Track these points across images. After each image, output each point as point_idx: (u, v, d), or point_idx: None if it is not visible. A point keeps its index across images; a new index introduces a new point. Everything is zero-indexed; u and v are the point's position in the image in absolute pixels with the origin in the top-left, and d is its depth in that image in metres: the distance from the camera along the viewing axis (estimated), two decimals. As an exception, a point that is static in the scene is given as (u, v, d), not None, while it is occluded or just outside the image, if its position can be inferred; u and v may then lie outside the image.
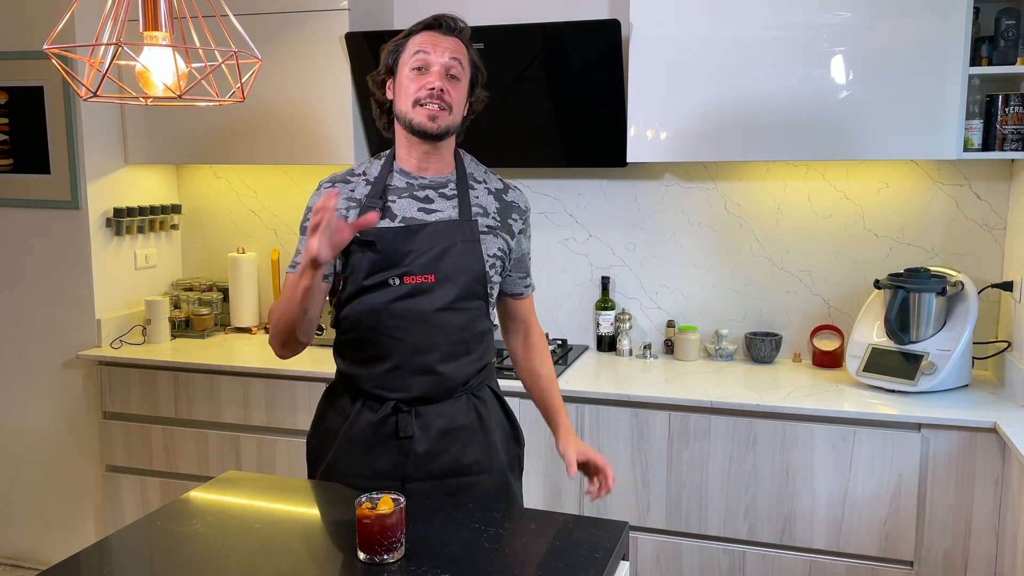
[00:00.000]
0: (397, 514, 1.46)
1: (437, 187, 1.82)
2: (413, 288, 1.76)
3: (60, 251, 3.19)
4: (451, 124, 1.76)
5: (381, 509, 1.45)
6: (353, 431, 1.82)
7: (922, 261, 2.81)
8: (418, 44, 1.76)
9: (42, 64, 3.07)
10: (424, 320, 1.76)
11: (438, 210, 1.80)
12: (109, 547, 1.55)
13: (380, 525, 1.45)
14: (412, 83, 1.74)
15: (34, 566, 3.42)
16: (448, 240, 1.77)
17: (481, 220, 1.82)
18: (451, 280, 1.77)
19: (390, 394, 1.79)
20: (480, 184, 1.86)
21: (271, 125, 3.04)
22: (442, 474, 1.80)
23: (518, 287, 1.95)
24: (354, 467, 1.82)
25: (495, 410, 1.90)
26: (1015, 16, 2.47)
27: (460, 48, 1.77)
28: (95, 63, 1.65)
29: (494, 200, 1.86)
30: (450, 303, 1.77)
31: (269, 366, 2.89)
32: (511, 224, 1.86)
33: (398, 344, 1.77)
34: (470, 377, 1.84)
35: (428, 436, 1.79)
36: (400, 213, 1.78)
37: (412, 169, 1.82)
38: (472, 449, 1.83)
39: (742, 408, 2.48)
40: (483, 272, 1.80)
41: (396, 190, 1.81)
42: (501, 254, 1.84)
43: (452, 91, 1.74)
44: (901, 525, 2.39)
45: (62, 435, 3.31)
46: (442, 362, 1.78)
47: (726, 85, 2.60)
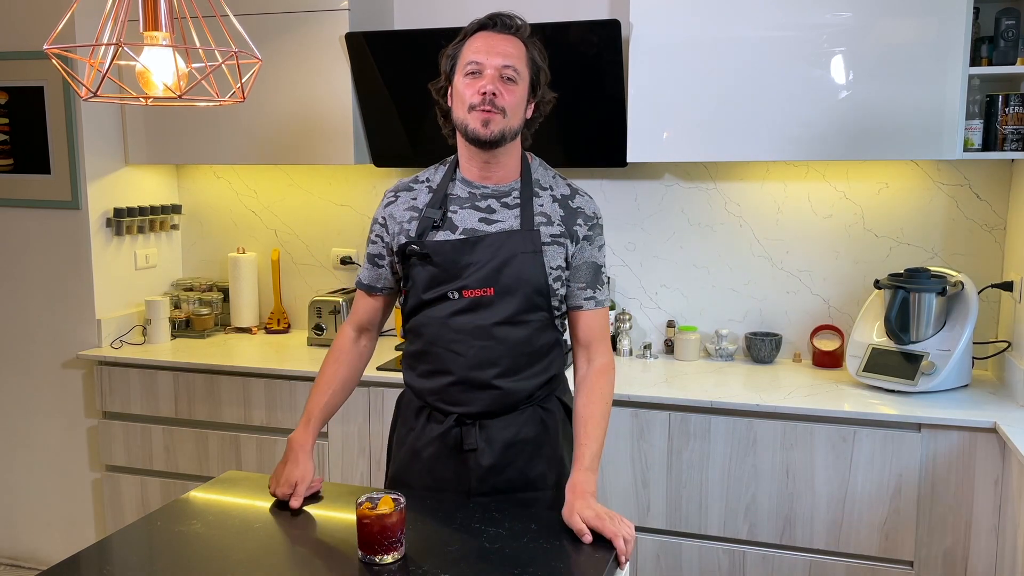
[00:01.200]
0: (397, 514, 1.46)
1: (500, 196, 1.76)
2: (472, 302, 1.72)
3: (60, 251, 3.19)
4: (506, 128, 1.69)
5: (381, 509, 1.45)
6: (419, 444, 1.81)
7: (922, 261, 2.81)
8: (473, 49, 1.70)
9: (42, 64, 3.07)
10: (484, 334, 1.72)
11: (499, 220, 1.74)
12: (109, 547, 1.55)
13: (380, 525, 1.45)
14: (467, 89, 1.68)
15: (34, 566, 3.42)
16: (508, 251, 1.71)
17: (544, 229, 1.75)
18: (511, 293, 1.72)
19: (452, 408, 1.76)
20: (545, 191, 1.79)
21: (271, 125, 3.04)
22: (508, 488, 1.77)
23: (576, 299, 1.81)
24: (420, 479, 1.81)
25: (563, 423, 1.84)
26: (1015, 16, 2.47)
27: (517, 48, 1.71)
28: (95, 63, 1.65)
29: (559, 207, 1.78)
30: (510, 316, 1.73)
31: (269, 366, 2.89)
32: (576, 230, 1.78)
33: (459, 359, 1.73)
34: (534, 391, 1.79)
35: (492, 449, 1.76)
36: (461, 224, 1.74)
37: (474, 178, 1.77)
38: (538, 463, 1.79)
39: (742, 408, 2.47)
40: (545, 284, 1.74)
41: (457, 200, 1.76)
42: (565, 264, 1.78)
43: (507, 94, 1.67)
44: (901, 525, 2.39)
45: (62, 435, 3.30)
46: (502, 377, 1.74)
47: (726, 85, 2.60)
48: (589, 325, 1.82)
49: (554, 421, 1.82)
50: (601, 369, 1.80)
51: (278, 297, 3.42)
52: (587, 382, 1.79)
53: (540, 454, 1.79)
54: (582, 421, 1.74)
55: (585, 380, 1.79)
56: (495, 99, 1.66)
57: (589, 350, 1.82)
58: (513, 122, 1.70)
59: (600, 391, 1.78)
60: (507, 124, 1.69)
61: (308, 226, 3.41)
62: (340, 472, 2.87)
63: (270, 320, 3.42)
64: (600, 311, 1.83)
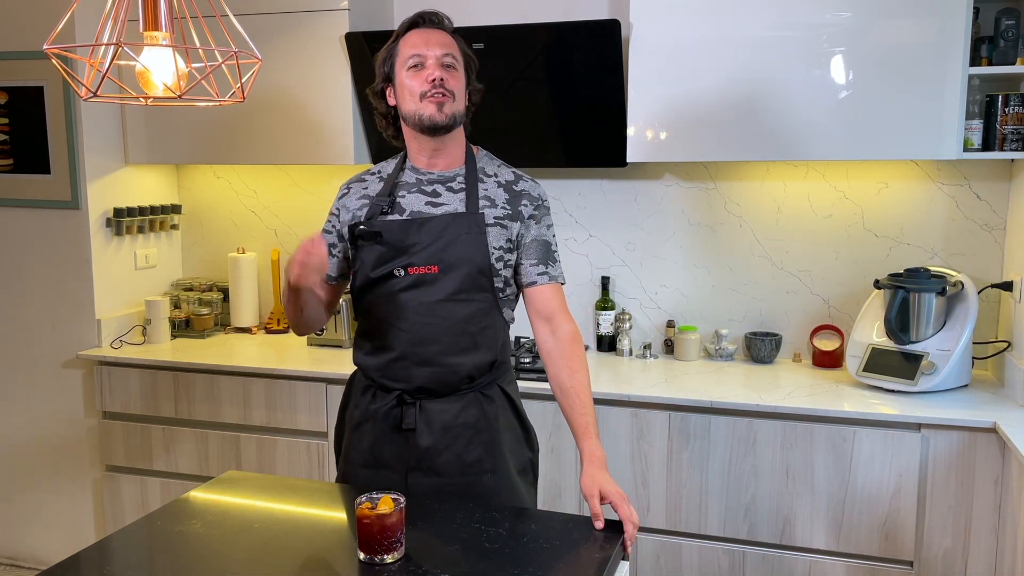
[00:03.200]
0: (397, 514, 1.46)
1: (445, 181, 1.85)
2: (417, 279, 1.79)
3: (60, 251, 3.19)
4: (457, 111, 1.79)
5: (381, 509, 1.45)
6: (364, 422, 1.87)
7: (922, 261, 2.81)
8: (410, 44, 1.79)
9: (42, 64, 3.07)
10: (427, 311, 1.79)
11: (445, 203, 1.83)
12: (109, 547, 1.55)
13: (380, 525, 1.45)
14: (413, 80, 1.78)
15: (34, 566, 3.42)
16: (453, 232, 1.79)
17: (488, 212, 1.83)
18: (454, 270, 1.79)
19: (394, 384, 1.83)
20: (490, 177, 1.88)
21: (271, 125, 3.04)
22: (445, 471, 1.81)
23: (529, 275, 1.86)
24: (362, 457, 1.87)
25: (504, 411, 1.87)
26: (1015, 16, 2.47)
27: (449, 40, 1.81)
28: (95, 63, 1.65)
29: (503, 192, 1.87)
30: (453, 293, 1.79)
31: (269, 366, 2.89)
32: (521, 210, 1.85)
33: (402, 334, 1.80)
34: (474, 372, 1.82)
35: (431, 431, 1.81)
36: (408, 207, 1.83)
37: (422, 166, 1.87)
38: (475, 448, 1.82)
39: (742, 408, 2.47)
40: (487, 264, 1.80)
41: (406, 185, 1.86)
42: (509, 245, 1.84)
43: (451, 79, 1.78)
44: (901, 525, 2.39)
45: (62, 435, 3.30)
46: (444, 354, 1.79)
47: (726, 85, 2.60)
48: (546, 297, 1.86)
49: (493, 408, 1.85)
50: (571, 337, 1.83)
51: (278, 297, 3.42)
52: (562, 352, 1.82)
53: (478, 439, 1.82)
54: (573, 392, 1.77)
55: (559, 350, 1.82)
56: (444, 83, 1.76)
57: (551, 322, 1.85)
58: (460, 105, 1.81)
59: (579, 359, 1.82)
60: (456, 107, 1.79)
61: (308, 226, 3.41)
62: (340, 472, 2.87)
63: (270, 320, 3.42)
64: (555, 285, 1.87)
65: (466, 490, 1.81)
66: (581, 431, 1.75)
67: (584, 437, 1.74)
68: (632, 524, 1.58)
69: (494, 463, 1.83)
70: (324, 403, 2.84)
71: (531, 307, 1.88)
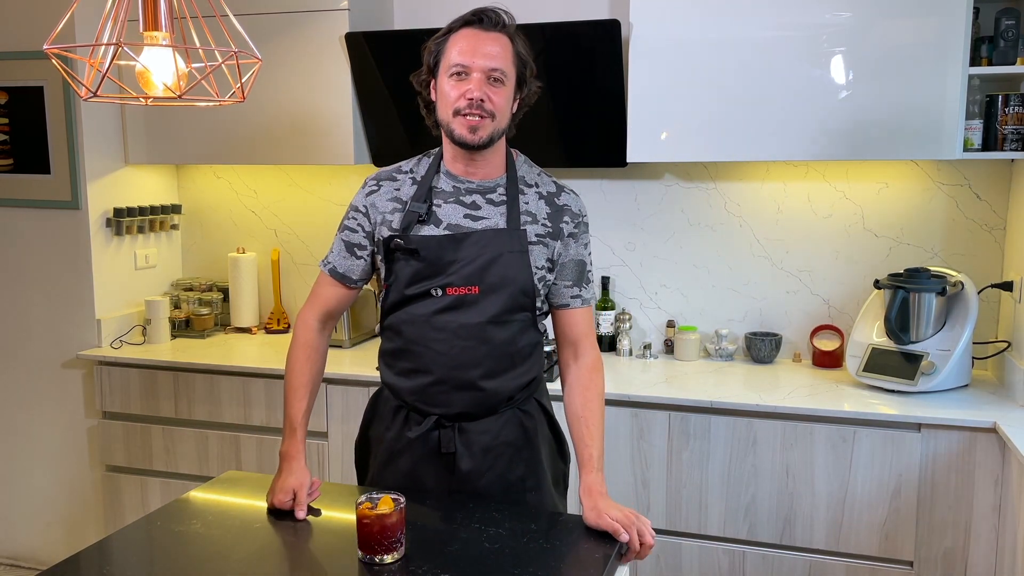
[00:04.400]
0: (397, 514, 1.46)
1: (485, 192, 1.73)
2: (456, 300, 1.68)
3: (60, 251, 3.19)
4: (495, 131, 1.66)
5: (381, 509, 1.45)
6: (397, 445, 1.78)
7: (922, 261, 2.81)
8: (458, 48, 1.64)
9: (42, 64, 3.07)
10: (467, 334, 1.69)
11: (485, 217, 1.71)
12: (109, 547, 1.55)
13: (380, 525, 1.45)
14: (452, 90, 1.64)
15: (34, 566, 3.42)
16: (495, 250, 1.68)
17: (530, 228, 1.72)
18: (496, 292, 1.69)
19: (431, 409, 1.73)
20: (531, 188, 1.77)
21: (271, 125, 3.04)
22: (488, 492, 1.74)
23: (563, 297, 1.79)
24: (399, 481, 1.77)
25: (542, 425, 1.82)
26: (1015, 16, 2.47)
27: (504, 45, 1.65)
28: (95, 63, 1.65)
29: (545, 205, 1.76)
30: (495, 316, 1.69)
31: (269, 366, 2.89)
32: (562, 228, 1.76)
33: (440, 358, 1.69)
34: (515, 392, 1.76)
35: (472, 453, 1.73)
36: (445, 219, 1.71)
37: (459, 172, 1.74)
38: (518, 467, 1.76)
39: (742, 408, 2.47)
40: (531, 284, 1.71)
41: (442, 193, 1.73)
42: (549, 265, 1.75)
43: (495, 96, 1.64)
44: (901, 525, 2.39)
45: (62, 435, 3.30)
46: (485, 378, 1.71)
47: (726, 85, 2.60)
48: (576, 322, 1.80)
49: (533, 424, 1.79)
50: (593, 366, 1.80)
51: (278, 297, 3.42)
52: (581, 380, 1.78)
53: (520, 457, 1.77)
54: (583, 422, 1.74)
55: (578, 379, 1.79)
56: (483, 104, 1.63)
57: (577, 347, 1.81)
58: (501, 123, 1.68)
59: (596, 390, 1.78)
60: (495, 127, 1.66)
61: (308, 226, 3.41)
62: (340, 472, 2.87)
63: (270, 320, 3.42)
64: (586, 309, 1.81)
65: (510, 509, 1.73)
66: (585, 462, 1.71)
67: (587, 470, 1.70)
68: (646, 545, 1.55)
69: (537, 480, 1.78)
70: (324, 403, 2.84)
71: (559, 328, 1.82)
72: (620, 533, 1.54)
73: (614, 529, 1.55)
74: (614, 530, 1.55)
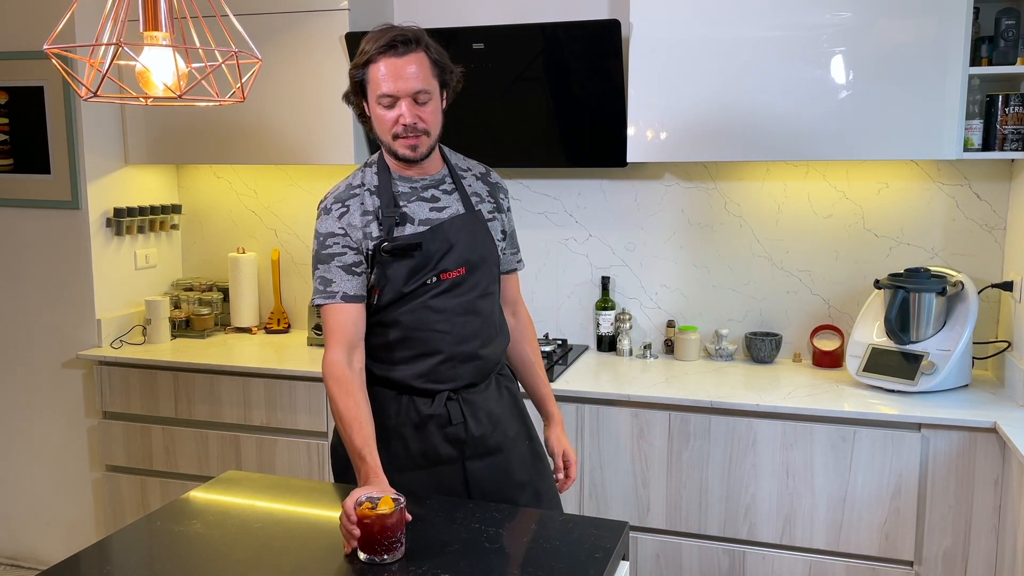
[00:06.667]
0: (397, 514, 1.46)
1: (437, 184, 1.89)
2: (450, 283, 1.84)
3: (60, 251, 3.19)
4: (433, 142, 1.82)
5: (381, 509, 1.45)
6: (405, 429, 1.85)
7: (922, 261, 2.81)
8: (380, 77, 1.74)
9: (42, 64, 3.07)
10: (463, 310, 1.85)
11: (446, 206, 1.87)
12: (109, 547, 1.55)
13: (380, 525, 1.45)
14: (385, 116, 1.77)
15: (34, 566, 3.42)
16: (468, 233, 1.86)
17: (483, 207, 1.92)
18: (478, 269, 1.87)
19: (441, 386, 1.85)
20: (468, 172, 1.95)
21: (271, 125, 3.04)
22: (496, 449, 1.91)
23: (511, 263, 2.04)
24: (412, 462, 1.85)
25: (515, 385, 2.03)
26: (1015, 16, 2.47)
27: (420, 62, 1.75)
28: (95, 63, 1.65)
29: (483, 184, 1.95)
30: (482, 291, 1.88)
31: (269, 366, 2.89)
32: (501, 202, 1.97)
33: (445, 336, 1.83)
34: (500, 356, 1.96)
35: (479, 420, 1.88)
36: (416, 216, 1.84)
37: (410, 174, 1.88)
38: (513, 423, 1.96)
39: (742, 408, 2.47)
40: (497, 256, 1.92)
41: (404, 195, 1.86)
42: (503, 236, 1.96)
43: (424, 115, 1.76)
44: (901, 525, 2.39)
45: (62, 435, 3.30)
46: (483, 347, 1.88)
47: (726, 85, 2.60)
48: (515, 284, 2.08)
49: (513, 384, 2.02)
50: (530, 319, 2.12)
51: (278, 297, 3.42)
52: (524, 332, 2.08)
53: (512, 415, 1.97)
54: (537, 365, 2.09)
55: (522, 331, 2.08)
56: (416, 126, 1.76)
57: (515, 305, 2.08)
58: (436, 132, 1.82)
59: (536, 337, 2.12)
60: (432, 139, 1.81)
61: (308, 226, 3.41)
62: (340, 472, 2.87)
63: (270, 320, 3.42)
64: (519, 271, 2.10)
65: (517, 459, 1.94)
66: (546, 398, 2.07)
67: (549, 402, 2.07)
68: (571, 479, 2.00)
69: (528, 430, 2.00)
70: (324, 403, 2.84)
71: (502, 292, 2.03)
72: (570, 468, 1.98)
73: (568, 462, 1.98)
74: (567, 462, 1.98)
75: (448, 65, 1.82)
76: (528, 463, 1.96)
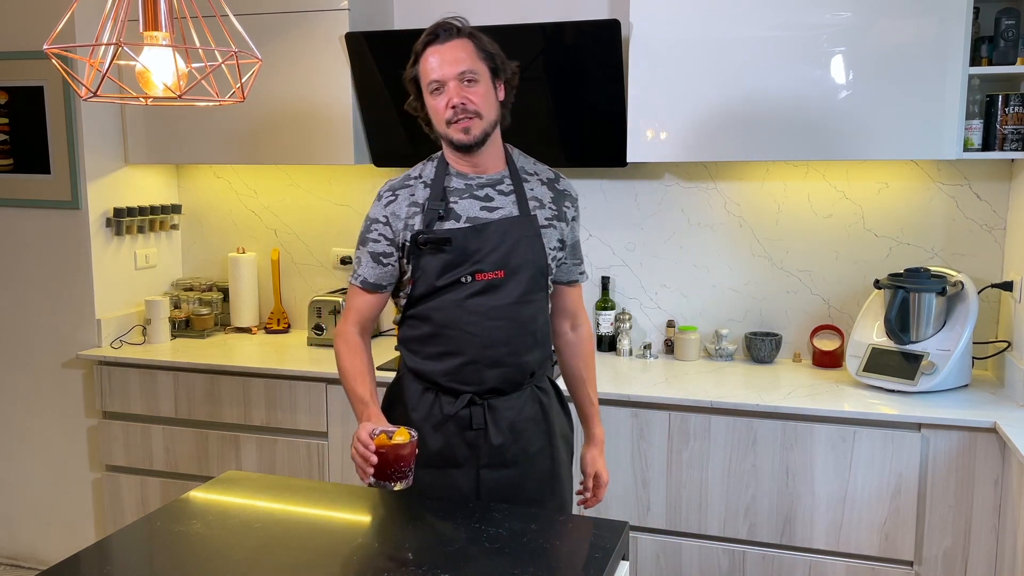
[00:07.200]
0: (411, 446, 1.59)
1: (494, 184, 1.88)
2: (485, 284, 1.82)
3: (60, 251, 3.19)
4: (487, 126, 1.81)
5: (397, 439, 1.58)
6: (426, 425, 1.88)
7: (922, 261, 2.81)
8: (428, 68, 1.79)
9: (42, 64, 3.07)
10: (497, 315, 1.83)
11: (499, 207, 1.86)
12: (109, 547, 1.55)
13: (395, 454, 1.57)
14: (437, 104, 1.80)
15: (34, 566, 3.42)
16: (514, 236, 1.83)
17: (540, 213, 1.88)
18: (519, 275, 1.84)
19: (464, 387, 1.85)
20: (532, 176, 1.93)
21: (271, 125, 3.04)
22: (513, 462, 1.89)
23: (572, 274, 2.01)
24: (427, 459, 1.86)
25: (555, 400, 1.99)
26: (1015, 16, 2.47)
27: (465, 48, 1.79)
28: (95, 63, 1.65)
29: (548, 190, 1.92)
30: (520, 296, 1.85)
31: (269, 366, 2.89)
32: (565, 211, 1.93)
33: (473, 339, 1.83)
34: (537, 369, 1.92)
35: (500, 429, 1.87)
36: (464, 213, 1.84)
37: (467, 171, 1.88)
38: (537, 439, 1.92)
39: (742, 408, 2.48)
40: (546, 265, 1.88)
41: (456, 191, 1.86)
42: (560, 245, 1.92)
43: (473, 95, 1.78)
44: (901, 525, 2.39)
45: (62, 435, 3.30)
46: (513, 355, 1.85)
47: (726, 85, 2.60)
48: (577, 295, 2.05)
49: (549, 400, 1.96)
50: (589, 335, 2.08)
51: (278, 297, 3.42)
52: (581, 347, 2.05)
53: (538, 431, 1.93)
54: (588, 383, 2.05)
55: (578, 345, 2.05)
56: (465, 107, 1.77)
57: (575, 318, 2.05)
58: (490, 116, 1.81)
59: (592, 355, 2.08)
60: (485, 122, 1.80)
61: (308, 226, 3.41)
62: (340, 472, 2.87)
63: (270, 320, 3.42)
64: (582, 283, 2.06)
65: (531, 477, 1.91)
66: (591, 416, 2.05)
67: (593, 422, 2.05)
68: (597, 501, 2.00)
69: (552, 450, 1.95)
70: (324, 403, 2.84)
71: (560, 302, 2.02)
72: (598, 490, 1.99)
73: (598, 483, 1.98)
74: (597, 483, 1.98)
75: (499, 55, 1.84)
76: (545, 481, 1.93)
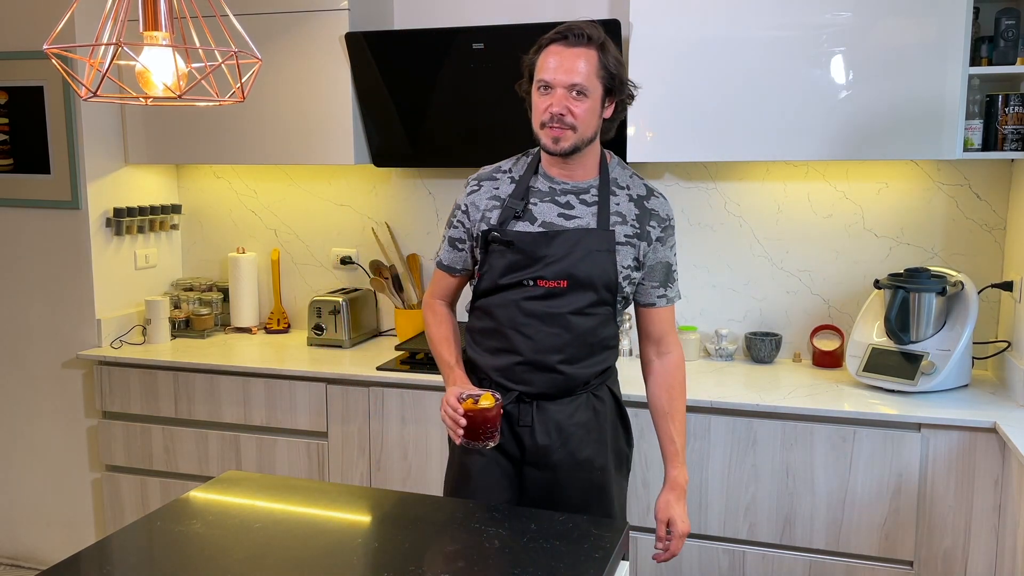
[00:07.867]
0: (496, 408, 1.71)
1: (579, 193, 1.86)
2: (546, 292, 1.83)
3: (60, 251, 3.19)
4: (578, 141, 1.79)
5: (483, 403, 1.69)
6: None
7: (922, 261, 2.81)
8: (545, 64, 1.77)
9: (42, 64, 3.07)
10: (554, 322, 1.83)
11: (578, 217, 1.84)
12: (109, 547, 1.55)
13: (482, 417, 1.68)
14: (539, 103, 1.79)
15: (34, 566, 3.42)
16: (584, 248, 1.81)
17: (619, 229, 1.85)
18: (583, 287, 1.82)
19: (514, 386, 1.87)
20: (623, 190, 1.89)
21: (271, 125, 3.04)
22: (558, 466, 1.88)
23: (649, 296, 1.95)
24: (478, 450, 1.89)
25: (611, 411, 1.96)
26: (1015, 16, 2.47)
27: (589, 61, 1.76)
28: (95, 63, 1.65)
29: (635, 207, 1.88)
30: (579, 308, 1.83)
31: (269, 366, 2.89)
32: (649, 231, 1.88)
33: (527, 341, 1.84)
34: (591, 378, 1.90)
35: (546, 430, 1.87)
36: (540, 217, 1.84)
37: (555, 175, 1.87)
38: (587, 447, 1.89)
39: (742, 408, 2.47)
40: (615, 282, 1.85)
41: (539, 193, 1.87)
42: (636, 264, 1.88)
43: (576, 109, 1.76)
44: (901, 525, 2.39)
45: (62, 435, 3.31)
46: (565, 363, 1.85)
47: (726, 85, 2.60)
48: (660, 320, 1.96)
49: (604, 408, 1.93)
50: (677, 363, 1.97)
51: (278, 297, 3.42)
52: (665, 376, 1.96)
53: (589, 439, 1.89)
54: (668, 416, 1.94)
55: (663, 374, 1.96)
56: (563, 118, 1.75)
57: (660, 344, 1.97)
58: (586, 133, 1.79)
59: (680, 386, 1.97)
60: (579, 137, 1.78)
61: (308, 226, 3.41)
62: (340, 472, 2.87)
63: (270, 320, 3.42)
64: (670, 307, 1.97)
65: (575, 484, 1.89)
66: (670, 456, 1.94)
67: (672, 463, 1.93)
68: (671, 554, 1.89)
69: (602, 461, 1.91)
70: (324, 403, 2.84)
71: (643, 325, 1.97)
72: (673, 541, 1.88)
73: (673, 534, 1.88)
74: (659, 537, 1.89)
75: (620, 76, 1.80)
76: (591, 491, 1.90)
